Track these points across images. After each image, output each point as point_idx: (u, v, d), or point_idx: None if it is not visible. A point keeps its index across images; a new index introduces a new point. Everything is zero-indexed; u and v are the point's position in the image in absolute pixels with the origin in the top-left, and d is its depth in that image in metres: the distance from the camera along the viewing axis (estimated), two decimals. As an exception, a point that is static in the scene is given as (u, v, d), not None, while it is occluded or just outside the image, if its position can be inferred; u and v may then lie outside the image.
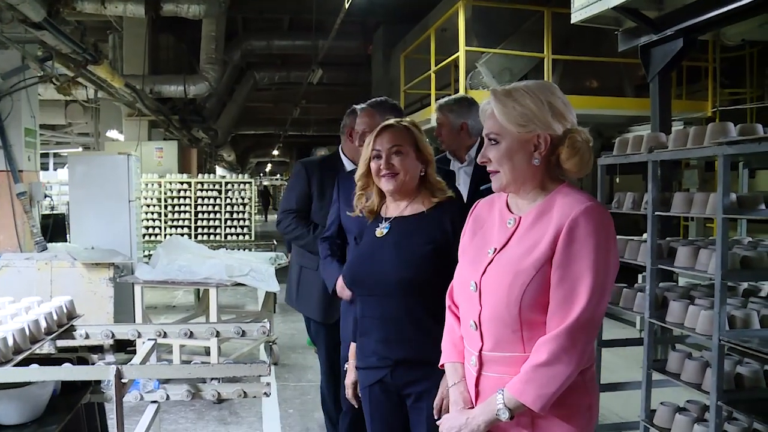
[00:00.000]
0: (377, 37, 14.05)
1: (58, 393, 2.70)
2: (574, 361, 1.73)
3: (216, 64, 11.17)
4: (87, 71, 7.23)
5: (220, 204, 12.35)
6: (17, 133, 5.88)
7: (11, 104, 5.85)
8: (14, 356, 2.43)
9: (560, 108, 1.84)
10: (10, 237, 5.75)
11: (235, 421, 4.98)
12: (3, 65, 5.76)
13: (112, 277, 5.18)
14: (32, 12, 5.33)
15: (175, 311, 8.78)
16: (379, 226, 2.51)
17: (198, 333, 3.05)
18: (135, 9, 8.27)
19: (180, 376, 2.60)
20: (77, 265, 5.15)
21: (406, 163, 2.46)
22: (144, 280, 5.43)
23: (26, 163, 5.91)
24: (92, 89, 9.13)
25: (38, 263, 5.17)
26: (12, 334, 2.45)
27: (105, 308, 5.09)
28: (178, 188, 12.31)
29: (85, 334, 2.99)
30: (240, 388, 2.88)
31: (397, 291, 2.37)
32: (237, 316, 7.13)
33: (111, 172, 6.58)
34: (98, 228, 6.45)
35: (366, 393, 2.53)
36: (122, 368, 2.33)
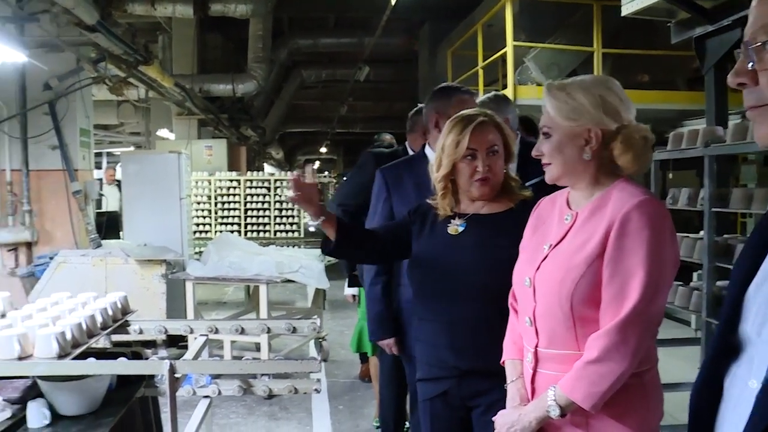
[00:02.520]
0: (423, 34, 14.00)
1: (114, 386, 2.75)
2: (627, 359, 1.68)
3: (263, 62, 11.25)
4: (138, 72, 7.35)
5: (269, 201, 12.44)
6: (73, 133, 6.01)
7: (67, 105, 5.99)
8: (72, 350, 2.48)
9: (614, 103, 1.80)
10: (67, 234, 5.89)
11: (285, 417, 5.02)
12: (59, 68, 5.89)
13: (164, 274, 5.27)
14: (86, 15, 5.44)
15: (225, 307, 8.89)
16: (451, 223, 2.32)
17: (249, 329, 3.07)
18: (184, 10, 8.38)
19: (232, 371, 2.63)
20: (130, 261, 5.25)
21: (500, 166, 2.30)
22: (195, 277, 5.51)
23: (81, 162, 6.04)
24: (143, 89, 9.28)
25: (93, 259, 5.29)
26: (70, 329, 2.50)
27: (157, 304, 5.18)
28: (228, 186, 12.45)
29: (139, 329, 3.03)
30: (291, 384, 2.89)
31: (475, 295, 2.21)
32: (287, 313, 7.18)
33: (162, 170, 6.69)
34: (150, 225, 6.56)
35: (426, 407, 2.38)
36: (175, 363, 2.36)
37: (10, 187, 5.88)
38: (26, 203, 5.87)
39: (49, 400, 2.57)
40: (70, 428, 2.49)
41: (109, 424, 2.52)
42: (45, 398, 2.58)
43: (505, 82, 8.50)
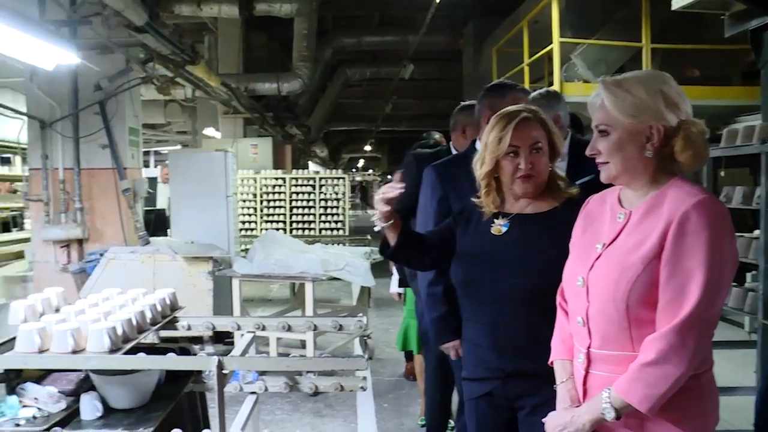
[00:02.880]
0: (467, 32, 13.92)
1: (162, 381, 2.79)
2: (685, 362, 1.64)
3: (308, 61, 11.31)
4: (185, 71, 7.45)
5: (314, 199, 12.50)
6: (122, 132, 6.12)
7: (116, 105, 6.10)
8: (123, 345, 2.52)
9: (674, 98, 1.75)
10: (116, 231, 6.00)
11: (330, 414, 5.03)
12: (109, 69, 6.00)
13: (211, 271, 5.32)
14: (135, 17, 5.53)
15: (270, 304, 8.95)
16: (494, 222, 2.28)
17: (296, 327, 3.09)
18: (229, 10, 8.47)
19: (279, 368, 2.64)
20: (178, 258, 5.31)
21: (543, 164, 2.22)
22: (242, 274, 5.56)
23: (130, 161, 6.15)
24: (190, 89, 9.41)
25: (142, 256, 5.37)
26: (121, 324, 2.55)
27: (204, 300, 5.24)
28: (273, 184, 12.54)
29: (187, 325, 3.07)
30: (337, 382, 2.90)
31: (521, 297, 2.17)
32: (332, 311, 7.20)
33: (209, 168, 6.77)
34: (197, 223, 6.64)
35: (472, 406, 2.36)
36: (224, 360, 2.38)
37: (63, 185, 6.01)
38: (78, 201, 5.99)
39: (101, 393, 2.62)
40: (122, 421, 2.53)
41: (158, 418, 2.55)
42: (97, 391, 2.63)
43: (551, 79, 8.40)
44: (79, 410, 2.59)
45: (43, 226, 6.04)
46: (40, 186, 6.07)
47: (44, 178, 6.06)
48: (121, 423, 2.51)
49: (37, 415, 2.55)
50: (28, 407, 2.58)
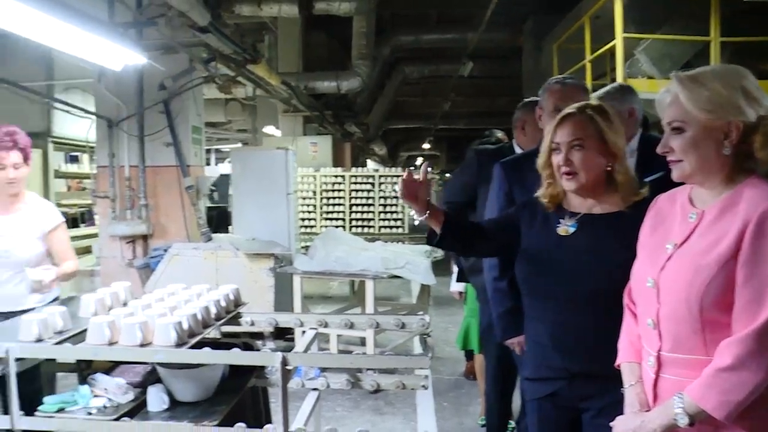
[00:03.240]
0: (527, 28, 13.73)
1: (226, 376, 2.83)
2: (764, 369, 1.57)
3: (367, 59, 11.33)
4: (246, 70, 7.54)
5: (374, 197, 12.52)
6: (185, 130, 6.22)
7: (180, 104, 6.20)
8: (189, 339, 2.56)
9: (754, 92, 1.68)
10: (179, 228, 6.10)
11: (390, 412, 5.03)
12: (172, 68, 6.11)
13: (273, 267, 5.37)
14: (199, 17, 5.62)
15: (330, 301, 9.02)
16: (561, 222, 2.25)
17: (358, 324, 3.09)
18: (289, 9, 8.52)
19: (342, 365, 2.64)
20: (240, 255, 5.38)
21: (586, 161, 2.18)
22: (303, 271, 5.60)
23: (193, 159, 6.24)
24: (251, 87, 9.52)
25: (204, 253, 5.45)
26: (187, 319, 2.59)
27: (265, 297, 5.29)
28: (333, 181, 12.60)
29: (250, 321, 3.10)
30: (399, 380, 2.89)
31: (587, 298, 2.13)
32: (392, 308, 7.21)
33: (270, 166, 6.83)
34: (258, 220, 6.71)
35: (534, 406, 2.34)
36: (288, 355, 2.39)
37: (129, 182, 6.15)
38: (143, 198, 6.11)
39: (167, 386, 2.67)
40: (187, 414, 2.57)
41: (222, 412, 2.59)
42: (163, 384, 2.68)
43: (613, 76, 8.21)
44: (146, 402, 2.65)
45: (109, 222, 6.19)
46: (107, 183, 6.22)
47: (111, 176, 6.20)
48: (187, 415, 2.55)
49: (107, 404, 2.62)
50: (98, 397, 2.66)
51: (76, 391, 2.68)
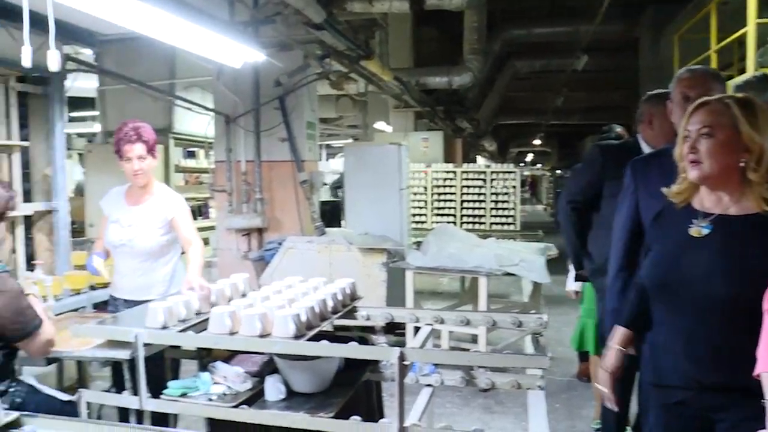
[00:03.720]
0: (645, 19, 13.19)
1: (341, 369, 2.84)
2: None
3: (478, 54, 11.19)
4: (359, 66, 7.58)
5: (485, 193, 12.37)
6: (300, 126, 6.31)
7: (295, 100, 6.30)
8: (307, 331, 2.58)
9: None
10: (293, 222, 6.21)
11: (500, 411, 4.95)
12: (288, 65, 6.21)
13: (386, 262, 5.38)
14: (315, 14, 5.68)
15: (440, 297, 8.98)
16: (693, 223, 2.11)
17: (474, 321, 3.05)
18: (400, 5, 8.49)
19: (459, 362, 2.59)
20: (353, 249, 5.41)
21: (713, 151, 2.03)
22: (416, 266, 5.59)
23: (307, 154, 6.33)
24: (362, 83, 9.59)
25: (318, 246, 5.52)
26: (305, 311, 2.61)
27: (377, 291, 5.30)
28: (444, 177, 12.55)
29: (366, 315, 3.11)
30: (514, 379, 2.83)
31: (718, 306, 1.99)
32: (504, 306, 7.10)
33: (383, 161, 6.84)
34: (371, 215, 6.73)
35: (660, 414, 2.21)
36: (405, 351, 2.37)
37: (245, 177, 6.30)
38: (258, 192, 6.26)
39: (284, 377, 2.71)
40: (303, 405, 2.59)
41: (338, 404, 2.59)
42: (280, 374, 2.72)
43: (741, 66, 7.75)
44: (263, 391, 2.69)
45: (226, 216, 6.37)
46: (224, 177, 6.40)
47: (228, 170, 6.38)
48: (303, 406, 2.58)
49: (226, 392, 2.68)
50: (218, 384, 2.72)
51: (198, 378, 2.76)
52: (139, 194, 3.79)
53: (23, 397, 2.76)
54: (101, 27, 5.35)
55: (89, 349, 2.95)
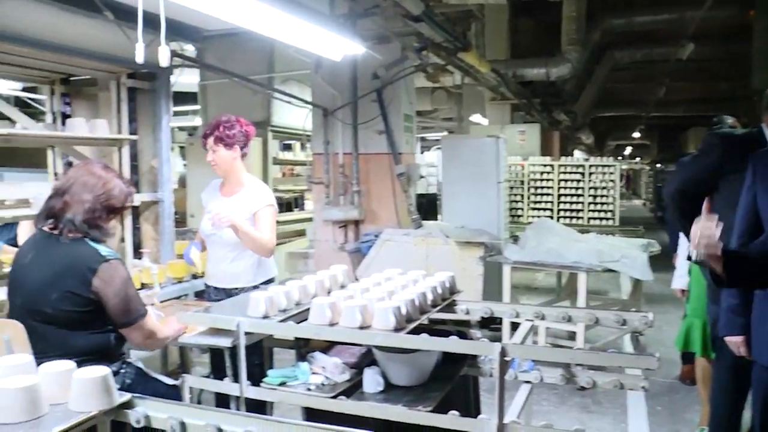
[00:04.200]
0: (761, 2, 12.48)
1: (439, 362, 2.82)
2: None
3: (577, 45, 10.92)
4: (456, 58, 7.52)
5: (583, 187, 12.06)
6: (397, 118, 6.32)
7: (392, 93, 6.31)
8: (407, 324, 2.57)
9: None
10: (390, 214, 6.22)
11: (598, 411, 4.82)
12: (385, 57, 6.22)
13: (483, 256, 5.32)
14: (413, 6, 5.66)
15: (535, 293, 8.83)
16: None
17: (576, 317, 2.96)
18: (498, -3, 8.42)
19: (562, 360, 2.52)
20: (450, 242, 5.37)
21: None
22: (513, 261, 5.51)
23: (404, 146, 6.33)
24: (458, 75, 9.51)
25: (415, 239, 5.51)
26: (405, 304, 2.60)
27: (474, 285, 5.25)
28: (541, 171, 12.31)
29: (466, 309, 3.08)
30: (617, 379, 2.73)
31: None
32: (602, 303, 6.92)
33: (480, 154, 6.77)
34: (467, 208, 6.67)
35: None
36: (506, 346, 2.32)
37: (342, 169, 6.37)
38: (355, 184, 6.31)
39: (382, 369, 2.71)
40: (401, 397, 2.59)
41: (436, 398, 2.58)
42: (379, 366, 2.72)
43: None
44: (361, 382, 2.71)
45: (323, 207, 6.45)
46: (321, 169, 6.49)
47: (325, 163, 6.46)
48: (401, 399, 2.58)
49: (325, 382, 2.71)
50: (316, 374, 2.76)
51: (297, 367, 2.80)
52: (232, 186, 3.95)
53: (132, 379, 2.87)
54: (204, 23, 5.49)
55: (192, 336, 3.04)
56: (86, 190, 2.79)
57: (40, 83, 5.60)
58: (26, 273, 2.81)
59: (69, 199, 2.78)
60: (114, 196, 2.87)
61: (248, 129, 3.97)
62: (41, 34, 4.03)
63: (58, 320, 2.71)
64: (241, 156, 3.93)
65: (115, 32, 4.29)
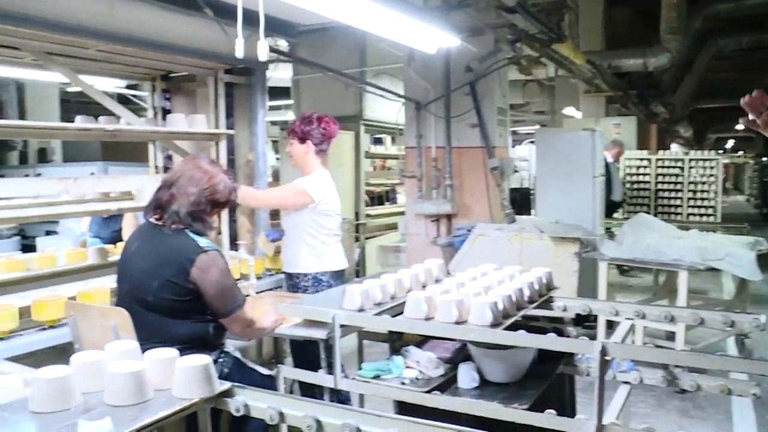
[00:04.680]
0: None
1: (535, 360, 2.77)
2: None
3: (677, 33, 10.50)
4: (551, 50, 7.37)
5: (682, 182, 11.61)
6: (491, 112, 6.23)
7: (486, 85, 6.23)
8: (503, 320, 2.53)
9: None
10: (483, 208, 6.15)
11: (699, 416, 4.64)
12: (478, 50, 6.15)
13: (578, 252, 5.19)
14: (505, -3, 5.58)
15: (630, 291, 8.57)
16: None
17: (679, 317, 2.85)
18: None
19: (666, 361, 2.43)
20: (544, 238, 5.26)
21: None
22: (610, 257, 5.35)
23: (498, 140, 6.24)
24: (552, 68, 9.31)
25: (508, 234, 5.42)
26: (502, 300, 2.56)
27: (569, 282, 5.12)
28: (637, 165, 11.92)
29: (563, 306, 3.01)
30: (724, 384, 2.62)
31: None
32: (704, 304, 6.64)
33: (575, 148, 6.59)
34: (562, 202, 6.52)
35: None
36: (607, 345, 2.25)
37: (435, 162, 6.33)
38: (448, 178, 6.25)
39: (477, 365, 2.68)
40: (496, 394, 2.57)
41: (531, 397, 2.54)
42: (474, 362, 2.69)
43: None
44: (455, 377, 2.69)
45: (415, 201, 6.43)
46: (414, 163, 6.47)
47: (418, 156, 6.43)
48: (496, 396, 2.55)
49: (419, 377, 2.70)
50: (410, 368, 2.76)
51: (391, 361, 2.81)
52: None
53: (230, 368, 2.93)
54: (299, 18, 5.56)
55: (288, 327, 3.10)
56: (192, 184, 2.88)
57: (142, 80, 5.78)
58: (132, 261, 2.93)
59: (175, 192, 2.87)
60: (218, 190, 2.95)
61: (329, 128, 4.23)
62: (146, 33, 4.16)
63: (159, 308, 2.80)
64: (316, 152, 4.19)
65: (213, 29, 4.41)
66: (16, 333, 3.21)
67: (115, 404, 1.95)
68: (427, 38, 4.50)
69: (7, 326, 3.12)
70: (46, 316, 3.29)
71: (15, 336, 3.20)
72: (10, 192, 3.76)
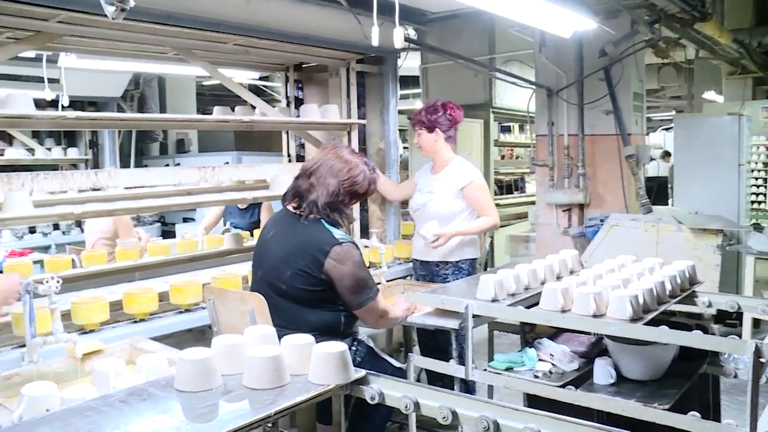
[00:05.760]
0: None
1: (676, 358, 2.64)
2: None
3: (843, 5, 9.70)
4: (693, 30, 6.98)
5: (844, 172, 10.69)
6: (626, 98, 5.98)
7: (621, 70, 5.98)
8: (644, 315, 2.43)
9: None
10: (617, 198, 5.92)
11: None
12: (614, 32, 5.91)
13: (720, 245, 4.90)
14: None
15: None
16: None
17: None
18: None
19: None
20: (683, 229, 5.01)
21: None
22: (758, 251, 5.03)
23: (634, 127, 5.98)
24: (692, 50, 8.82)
25: (644, 225, 5.20)
26: (642, 293, 2.46)
27: (710, 276, 4.84)
28: (793, 150, 11.10)
29: (707, 302, 2.85)
30: None
31: None
32: None
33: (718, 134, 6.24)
34: (702, 192, 6.19)
35: None
36: (762, 346, 2.11)
37: (567, 151, 6.14)
38: (581, 167, 6.05)
39: (614, 360, 2.59)
40: (634, 392, 2.48)
41: (672, 396, 2.43)
42: (610, 357, 2.60)
43: None
44: (590, 372, 2.61)
45: (547, 190, 6.27)
46: (545, 151, 6.31)
47: (549, 144, 6.27)
48: (634, 394, 2.46)
49: (552, 370, 2.64)
50: (543, 361, 2.70)
51: (524, 353, 2.76)
52: (439, 166, 4.27)
53: (363, 357, 2.96)
54: (429, 6, 5.55)
55: (419, 316, 3.10)
56: (331, 174, 2.89)
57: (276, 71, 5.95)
58: (267, 248, 3.00)
59: (315, 181, 2.90)
60: (358, 182, 2.95)
61: (454, 114, 4.22)
62: (281, 25, 4.27)
63: (291, 296, 2.85)
64: (445, 138, 4.19)
65: (345, 19, 4.44)
66: (156, 315, 3.38)
67: (254, 387, 2.01)
68: (562, 22, 4.36)
69: (148, 308, 3.29)
70: (182, 300, 3.45)
71: (155, 318, 3.37)
72: (155, 180, 3.98)
